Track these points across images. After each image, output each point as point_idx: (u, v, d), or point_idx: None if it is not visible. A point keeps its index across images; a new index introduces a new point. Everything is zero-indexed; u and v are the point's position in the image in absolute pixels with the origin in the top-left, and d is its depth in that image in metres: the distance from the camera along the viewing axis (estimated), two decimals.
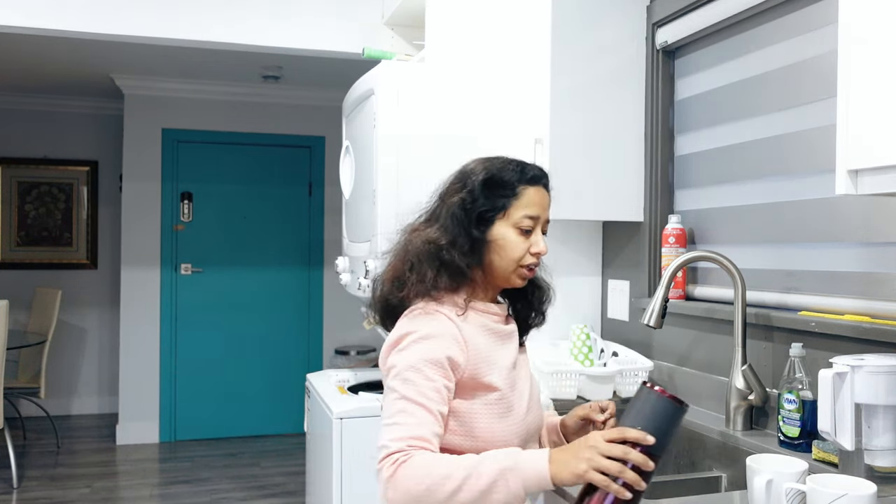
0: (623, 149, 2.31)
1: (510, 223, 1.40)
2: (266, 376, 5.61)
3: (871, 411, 1.36)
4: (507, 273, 1.42)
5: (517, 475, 1.17)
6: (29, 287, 5.81)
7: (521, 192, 1.41)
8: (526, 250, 1.41)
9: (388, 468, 1.20)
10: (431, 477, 1.18)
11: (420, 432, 1.24)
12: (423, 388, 1.28)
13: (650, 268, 2.32)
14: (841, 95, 1.25)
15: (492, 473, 1.17)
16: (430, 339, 1.33)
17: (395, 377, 1.31)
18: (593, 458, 1.15)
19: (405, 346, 1.33)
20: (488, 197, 1.41)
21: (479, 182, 1.42)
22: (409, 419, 1.25)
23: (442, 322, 1.36)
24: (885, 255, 1.60)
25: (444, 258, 1.38)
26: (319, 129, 5.69)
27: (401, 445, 1.22)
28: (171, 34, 3.19)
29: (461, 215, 1.40)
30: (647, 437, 1.16)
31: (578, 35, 2.25)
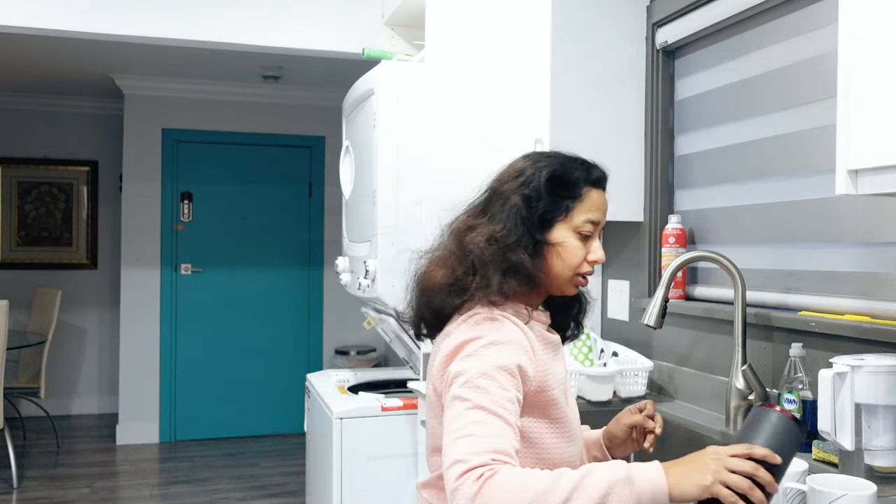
0: (623, 149, 2.31)
1: (571, 227, 1.29)
2: (266, 376, 5.61)
3: (871, 411, 1.36)
4: (562, 281, 1.31)
5: (630, 488, 1.03)
6: (29, 287, 5.81)
7: (584, 195, 1.30)
8: (584, 258, 1.30)
9: (470, 484, 1.03)
10: (529, 492, 1.01)
11: (502, 445, 1.09)
12: (498, 397, 1.13)
13: (650, 268, 2.32)
14: (841, 95, 1.25)
15: (602, 486, 1.02)
16: (501, 346, 1.19)
17: (463, 385, 1.14)
18: (720, 471, 1.04)
19: (474, 352, 1.18)
20: (552, 196, 1.29)
21: (543, 179, 1.29)
22: (486, 430, 1.10)
23: (510, 329, 1.23)
24: (885, 255, 1.60)
25: (511, 260, 1.25)
26: (319, 129, 5.69)
27: (484, 459, 1.06)
28: (171, 34, 3.19)
29: (525, 214, 1.27)
30: (774, 456, 1.06)
31: (578, 35, 2.25)
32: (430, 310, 1.32)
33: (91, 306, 6.13)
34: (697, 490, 1.04)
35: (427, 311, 1.33)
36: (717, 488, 1.03)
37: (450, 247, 1.32)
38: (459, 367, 1.17)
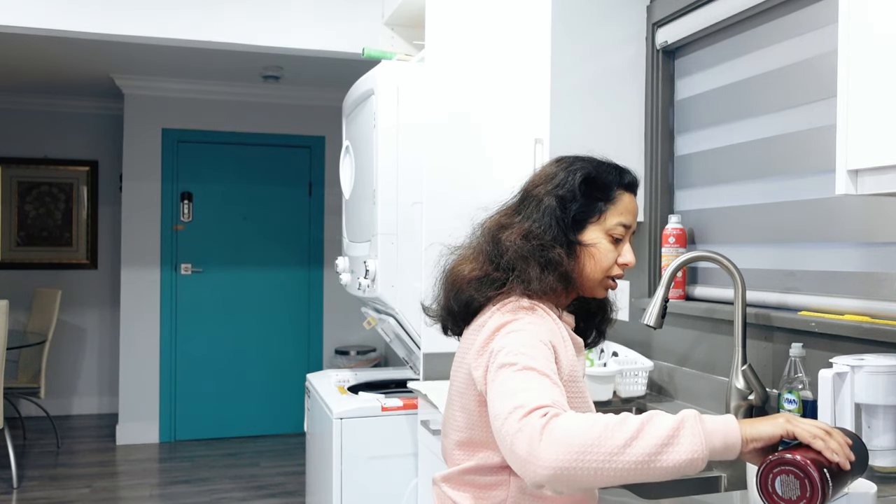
0: (623, 149, 2.31)
1: (603, 229, 1.31)
2: (266, 376, 5.61)
3: (871, 411, 1.36)
4: (593, 283, 1.33)
5: (702, 426, 0.99)
6: (29, 287, 5.81)
7: (617, 198, 1.32)
8: (615, 260, 1.32)
9: (537, 420, 1.00)
10: (596, 427, 0.98)
11: (558, 397, 1.07)
12: (544, 364, 1.13)
13: (650, 268, 2.32)
14: (841, 95, 1.25)
15: (671, 424, 0.98)
16: (539, 327, 1.21)
17: (509, 353, 1.13)
18: (793, 420, 1.03)
19: (516, 329, 1.19)
20: (586, 198, 1.31)
21: (578, 181, 1.31)
22: (540, 385, 1.08)
23: (544, 317, 1.25)
24: (885, 255, 1.60)
25: (548, 256, 1.26)
26: (319, 129, 5.69)
27: (546, 401, 1.04)
28: (171, 34, 3.19)
29: (559, 214, 1.29)
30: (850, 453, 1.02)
31: (578, 35, 2.25)
32: (458, 302, 1.32)
33: (91, 306, 6.13)
34: (773, 427, 1.02)
35: (455, 304, 1.33)
36: (792, 426, 1.02)
37: (481, 243, 1.33)
38: (502, 343, 1.17)
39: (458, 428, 1.30)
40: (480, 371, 1.20)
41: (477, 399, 1.24)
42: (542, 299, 1.28)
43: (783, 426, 1.02)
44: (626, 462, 0.97)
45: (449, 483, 1.32)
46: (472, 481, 1.28)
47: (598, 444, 0.97)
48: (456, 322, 1.36)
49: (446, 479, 1.33)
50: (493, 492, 1.25)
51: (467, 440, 1.28)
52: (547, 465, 0.97)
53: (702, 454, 0.98)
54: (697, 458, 0.98)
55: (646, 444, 0.97)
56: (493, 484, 1.25)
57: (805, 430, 1.01)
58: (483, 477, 1.26)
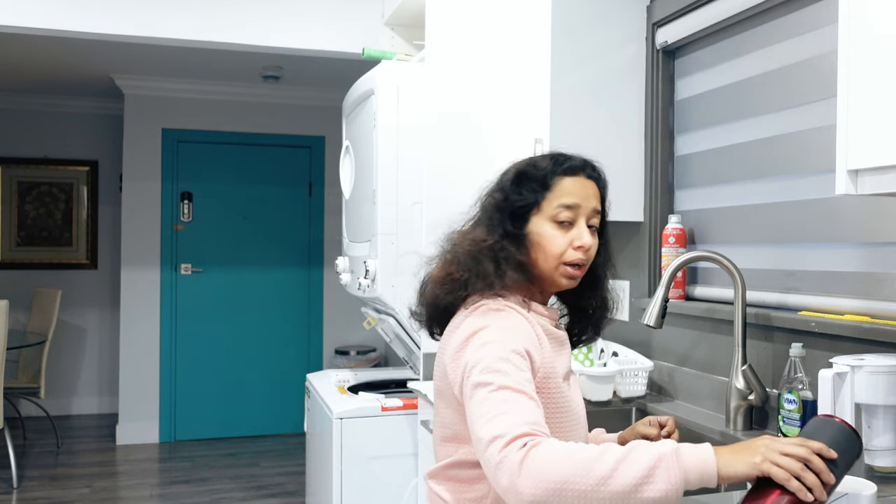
0: (623, 149, 2.31)
1: (545, 217, 1.32)
2: (266, 376, 5.61)
3: (871, 411, 1.36)
4: (548, 271, 1.32)
5: (679, 462, 1.01)
6: (29, 287, 5.81)
7: (553, 184, 1.33)
8: (567, 245, 1.31)
9: (516, 452, 1.02)
10: (575, 461, 1.00)
11: (535, 417, 1.09)
12: (517, 377, 1.15)
13: (650, 268, 2.32)
14: (841, 95, 1.25)
15: (649, 459, 1.00)
16: (510, 332, 1.23)
17: (483, 371, 1.16)
18: (771, 453, 1.01)
19: (487, 341, 1.21)
20: (520, 192, 1.33)
21: (509, 179, 1.36)
22: (516, 407, 1.10)
23: (515, 317, 1.27)
24: (885, 255, 1.60)
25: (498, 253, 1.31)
26: (319, 129, 5.69)
27: (524, 429, 1.05)
28: (171, 34, 3.19)
29: (497, 216, 1.33)
30: (830, 451, 1.02)
31: (578, 35, 2.25)
32: (433, 307, 1.38)
33: (91, 306, 6.13)
34: (747, 467, 1.02)
35: (431, 309, 1.39)
36: (768, 466, 1.01)
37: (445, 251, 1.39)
38: (475, 357, 1.19)
39: (442, 424, 1.33)
40: (456, 379, 1.23)
41: (457, 398, 1.26)
42: (511, 296, 1.31)
43: (758, 467, 1.01)
44: (603, 498, 0.99)
45: (435, 478, 1.35)
46: (456, 475, 1.30)
47: (574, 479, 1.00)
48: (432, 324, 1.41)
49: (432, 475, 1.36)
50: (475, 485, 1.28)
51: (452, 435, 1.30)
52: (527, 498, 1.01)
53: (677, 491, 1.00)
54: (672, 494, 1.00)
55: (622, 481, 0.99)
56: (475, 478, 1.27)
57: (780, 470, 1.00)
58: (466, 471, 1.29)
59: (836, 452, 1.03)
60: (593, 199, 1.34)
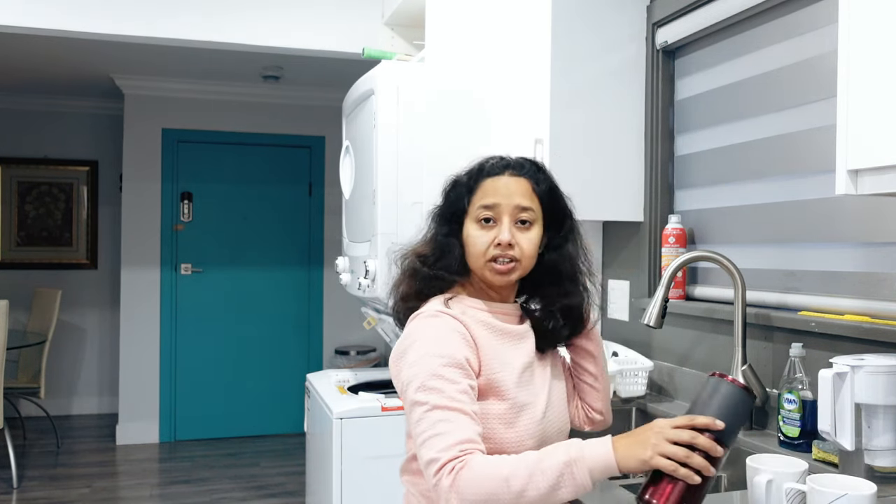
0: (623, 149, 2.31)
1: (472, 219, 1.38)
2: (266, 376, 5.61)
3: (871, 411, 1.36)
4: (481, 270, 1.37)
5: (583, 466, 1.13)
6: (29, 287, 5.81)
7: (478, 187, 1.39)
8: (489, 243, 1.35)
9: (446, 478, 1.16)
10: (494, 479, 1.14)
11: (465, 435, 1.20)
12: (451, 392, 1.23)
13: (650, 268, 2.32)
14: (841, 95, 1.25)
15: (557, 468, 1.13)
16: (439, 343, 1.29)
17: (418, 389, 1.25)
18: (659, 443, 1.12)
19: (421, 355, 1.28)
20: (452, 200, 1.41)
21: (446, 189, 1.44)
22: (448, 426, 1.20)
23: (447, 322, 1.32)
24: (885, 255, 1.60)
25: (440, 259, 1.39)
26: (319, 129, 5.69)
27: (453, 453, 1.18)
28: (172, 34, 3.19)
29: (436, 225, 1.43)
30: (716, 423, 1.13)
31: (578, 35, 2.25)
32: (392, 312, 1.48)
33: (91, 306, 6.13)
34: (638, 464, 1.13)
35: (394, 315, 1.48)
36: (657, 460, 1.12)
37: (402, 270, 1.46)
38: (411, 373, 1.28)
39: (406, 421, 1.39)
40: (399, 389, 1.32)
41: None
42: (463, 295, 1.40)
43: (648, 462, 1.12)
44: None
45: (402, 472, 1.44)
46: (415, 469, 1.37)
47: (497, 494, 1.14)
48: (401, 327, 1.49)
49: (401, 469, 1.44)
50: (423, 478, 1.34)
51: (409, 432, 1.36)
52: None
53: (585, 489, 1.14)
54: (581, 492, 1.15)
55: (536, 492, 1.13)
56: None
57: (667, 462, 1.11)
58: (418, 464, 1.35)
59: (723, 422, 1.13)
60: (518, 195, 1.37)
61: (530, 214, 1.37)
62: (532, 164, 1.42)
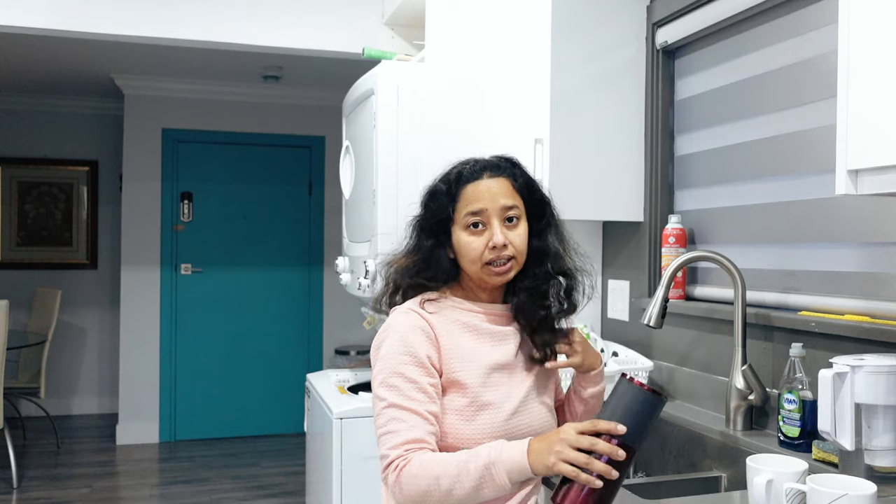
0: (623, 149, 2.31)
1: (460, 226, 1.41)
2: (266, 376, 5.61)
3: (871, 411, 1.36)
4: (479, 274, 1.41)
5: (501, 468, 1.22)
6: (29, 287, 5.81)
7: (459, 194, 1.41)
8: (483, 247, 1.39)
9: (391, 475, 1.27)
10: (427, 479, 1.24)
11: (414, 435, 1.28)
12: (407, 391, 1.31)
13: (650, 268, 2.32)
14: (841, 95, 1.25)
15: (479, 469, 1.23)
16: (405, 340, 1.35)
17: (380, 385, 1.34)
18: (563, 450, 1.18)
19: (387, 352, 1.36)
20: (434, 211, 1.43)
21: (425, 199, 1.46)
22: (400, 425, 1.29)
23: (412, 319, 1.38)
24: (885, 255, 1.60)
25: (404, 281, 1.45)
26: (319, 129, 5.69)
27: (399, 452, 1.27)
28: (171, 34, 3.19)
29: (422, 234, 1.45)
30: (617, 427, 1.17)
31: (578, 35, 2.25)
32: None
33: (91, 306, 6.13)
34: (544, 469, 1.21)
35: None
36: (559, 466, 1.18)
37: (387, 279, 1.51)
38: (377, 369, 1.36)
39: None
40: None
41: None
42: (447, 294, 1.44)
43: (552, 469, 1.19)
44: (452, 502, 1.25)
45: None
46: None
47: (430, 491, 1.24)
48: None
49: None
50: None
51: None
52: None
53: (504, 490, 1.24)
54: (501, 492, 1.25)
55: (461, 491, 1.24)
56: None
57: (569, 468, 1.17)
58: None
59: (625, 426, 1.17)
60: (501, 196, 1.40)
61: (515, 211, 1.41)
62: (507, 162, 1.46)
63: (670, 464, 1.96)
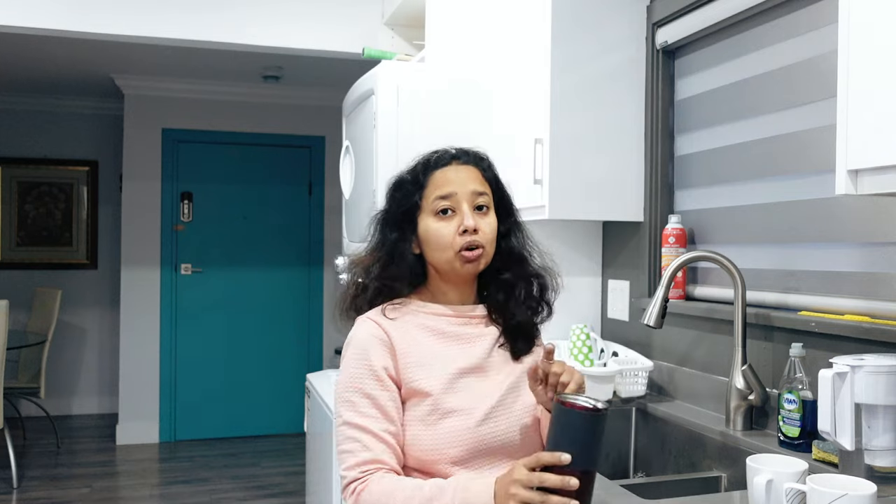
0: (623, 149, 2.31)
1: (428, 213, 1.35)
2: (266, 376, 5.61)
3: (871, 411, 1.36)
4: (446, 262, 1.34)
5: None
6: (29, 287, 5.81)
7: (427, 181, 1.36)
8: (454, 232, 1.32)
9: (349, 497, 1.24)
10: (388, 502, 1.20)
11: (369, 455, 1.24)
12: (362, 407, 1.27)
13: (650, 268, 2.32)
14: (841, 95, 1.25)
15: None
16: (361, 353, 1.30)
17: (338, 400, 1.30)
18: (518, 492, 1.12)
19: (344, 366, 1.32)
20: (400, 200, 1.38)
21: (390, 191, 1.41)
22: (354, 444, 1.25)
23: (369, 328, 1.33)
24: (885, 255, 1.60)
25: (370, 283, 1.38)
26: (319, 129, 5.69)
27: (355, 474, 1.24)
28: (171, 34, 3.19)
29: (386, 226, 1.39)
30: (560, 458, 1.11)
31: (578, 35, 2.25)
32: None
33: (91, 306, 6.13)
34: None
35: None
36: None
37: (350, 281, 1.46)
38: (338, 380, 1.32)
39: None
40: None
41: None
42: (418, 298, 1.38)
43: None
44: None
45: None
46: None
47: None
48: None
49: None
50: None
51: None
52: None
53: None
54: None
55: None
56: None
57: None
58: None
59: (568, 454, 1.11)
60: (471, 182, 1.36)
61: (486, 199, 1.36)
62: (475, 153, 1.43)
63: (670, 464, 1.96)
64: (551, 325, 2.40)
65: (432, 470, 1.28)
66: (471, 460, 1.29)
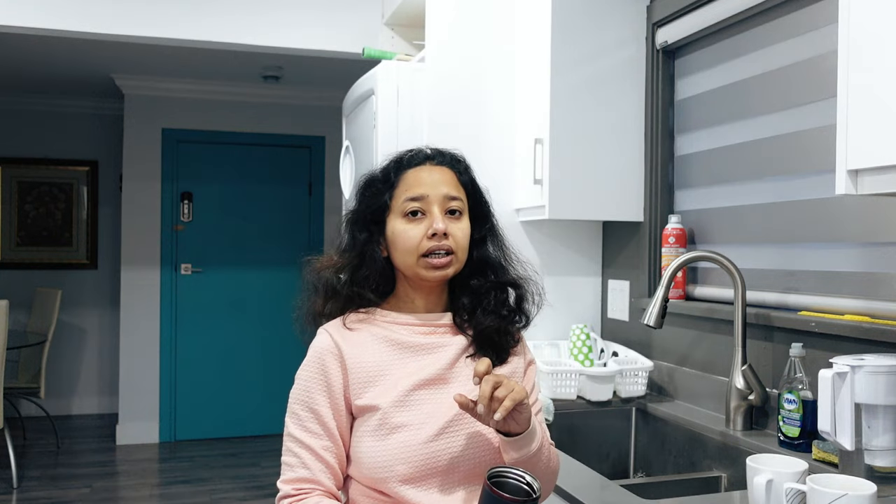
0: (623, 149, 2.31)
1: (397, 214, 1.27)
2: (266, 376, 5.61)
3: (871, 411, 1.36)
4: (413, 268, 1.25)
5: None
6: (29, 287, 5.81)
7: (398, 181, 1.29)
8: (422, 236, 1.24)
9: None
10: None
11: (305, 474, 1.21)
12: (307, 422, 1.22)
13: (650, 268, 2.32)
14: (841, 95, 1.25)
15: None
16: (313, 365, 1.25)
17: (287, 412, 1.26)
18: None
19: (297, 377, 1.27)
20: (369, 199, 1.31)
21: (359, 190, 1.34)
22: (294, 459, 1.23)
23: (323, 340, 1.27)
24: (885, 255, 1.60)
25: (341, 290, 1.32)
26: (319, 129, 5.69)
27: (290, 489, 1.22)
28: (171, 34, 3.19)
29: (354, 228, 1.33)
30: None
31: (578, 35, 2.25)
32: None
33: (91, 306, 6.13)
34: None
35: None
36: None
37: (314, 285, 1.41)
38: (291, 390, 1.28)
39: None
40: None
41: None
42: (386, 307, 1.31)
43: None
44: None
45: None
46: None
47: None
48: None
49: None
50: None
51: None
52: None
53: None
54: None
55: None
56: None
57: None
58: None
59: None
60: (444, 184, 1.28)
61: (459, 204, 1.28)
62: (451, 154, 1.35)
63: (670, 464, 1.96)
64: (552, 326, 2.42)
65: (383, 489, 1.20)
66: (421, 479, 1.20)
